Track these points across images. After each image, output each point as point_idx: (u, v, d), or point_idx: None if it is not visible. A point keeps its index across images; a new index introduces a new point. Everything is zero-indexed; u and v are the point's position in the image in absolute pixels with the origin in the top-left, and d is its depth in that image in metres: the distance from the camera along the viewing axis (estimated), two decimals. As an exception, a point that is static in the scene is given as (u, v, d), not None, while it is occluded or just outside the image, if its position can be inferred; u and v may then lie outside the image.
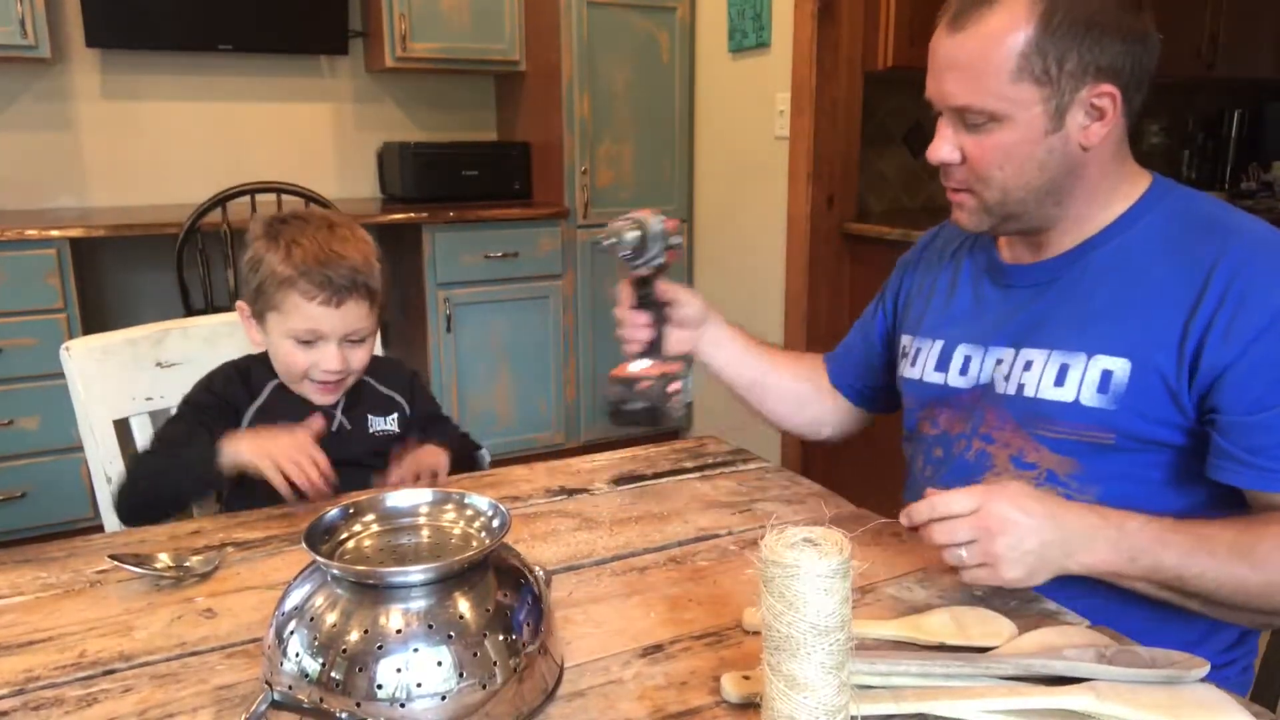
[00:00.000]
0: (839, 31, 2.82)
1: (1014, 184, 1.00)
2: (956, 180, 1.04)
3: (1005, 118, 0.97)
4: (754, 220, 3.19)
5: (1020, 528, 0.84)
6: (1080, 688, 0.71)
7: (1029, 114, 0.96)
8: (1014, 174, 0.99)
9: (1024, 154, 0.98)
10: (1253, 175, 4.06)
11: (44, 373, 2.60)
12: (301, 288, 1.20)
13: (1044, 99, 0.96)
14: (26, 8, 2.69)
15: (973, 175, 1.01)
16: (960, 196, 1.05)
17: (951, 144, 1.01)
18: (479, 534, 0.77)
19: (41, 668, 0.79)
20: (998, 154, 0.99)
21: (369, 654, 0.66)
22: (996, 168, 1.00)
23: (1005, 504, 0.84)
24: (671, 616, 0.87)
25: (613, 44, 3.26)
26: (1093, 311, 1.01)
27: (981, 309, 1.12)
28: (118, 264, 3.15)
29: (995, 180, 1.00)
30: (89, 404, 1.30)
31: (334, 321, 1.21)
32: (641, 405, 1.13)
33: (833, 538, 0.63)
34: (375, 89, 3.50)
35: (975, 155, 1.00)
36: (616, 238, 1.07)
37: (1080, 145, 0.99)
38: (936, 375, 1.14)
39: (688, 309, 1.21)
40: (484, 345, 3.24)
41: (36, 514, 2.68)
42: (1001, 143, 0.98)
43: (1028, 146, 0.98)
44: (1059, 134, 0.98)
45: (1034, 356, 1.03)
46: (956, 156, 1.02)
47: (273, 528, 1.08)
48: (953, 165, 1.03)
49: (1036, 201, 1.01)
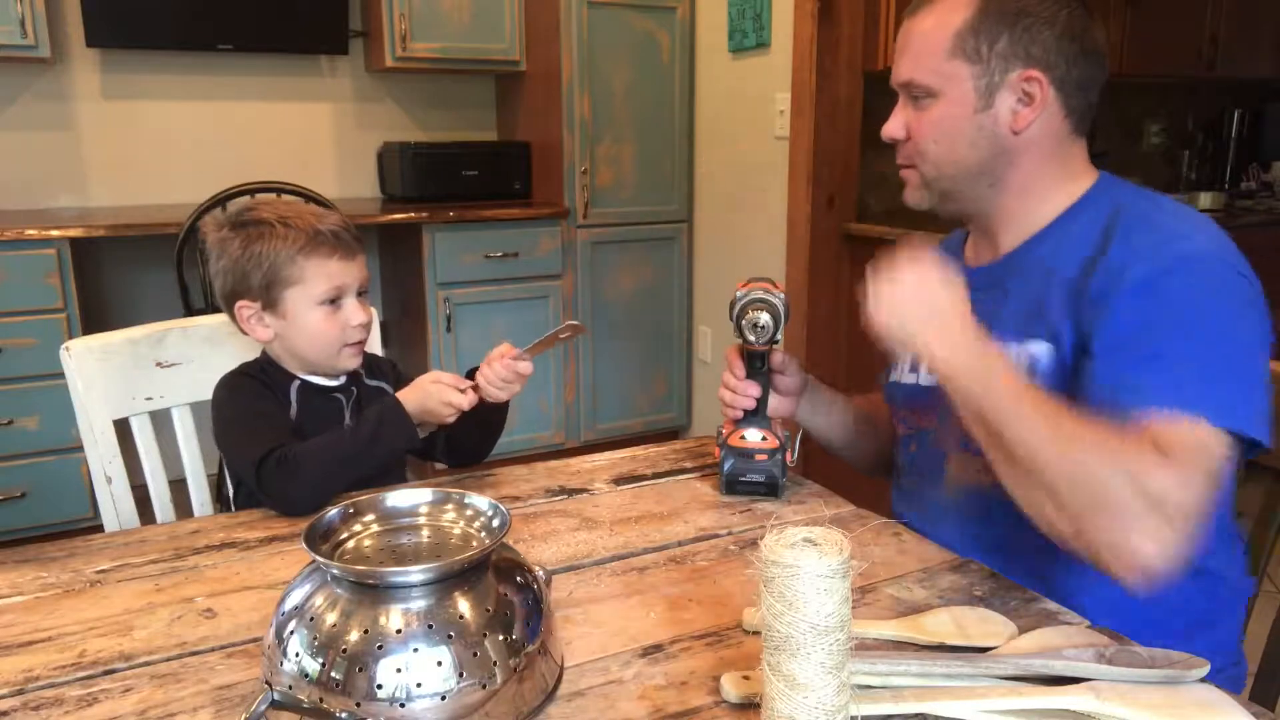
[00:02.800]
0: (839, 31, 2.82)
1: (946, 159, 1.07)
2: (903, 155, 1.12)
3: (939, 92, 1.05)
4: (754, 220, 3.19)
5: (916, 301, 0.93)
6: (1080, 688, 0.71)
7: (960, 89, 1.04)
8: (947, 149, 1.07)
9: (955, 129, 1.06)
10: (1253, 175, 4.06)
11: (44, 373, 2.59)
12: (321, 250, 1.24)
13: (974, 76, 1.04)
14: (26, 8, 2.69)
15: (914, 149, 1.10)
16: (906, 173, 1.13)
17: (899, 121, 1.11)
18: (479, 534, 0.77)
19: (41, 668, 0.79)
20: (932, 128, 1.07)
21: (369, 654, 0.66)
22: (931, 141, 1.07)
23: (936, 287, 0.94)
24: (671, 616, 0.87)
25: (613, 44, 3.26)
26: (1025, 306, 1.05)
27: None
28: (118, 264, 3.15)
29: (930, 154, 1.08)
30: (89, 404, 1.30)
31: (353, 273, 1.27)
32: (761, 479, 1.15)
33: (833, 538, 0.63)
34: (375, 89, 3.50)
35: (914, 129, 1.09)
36: (754, 328, 1.11)
37: (1010, 129, 1.05)
38: (910, 376, 1.19)
39: (792, 378, 1.22)
40: (484, 345, 3.21)
41: (36, 514, 2.68)
42: (935, 117, 1.06)
43: (959, 122, 1.05)
44: (988, 113, 1.05)
45: None
46: (902, 133, 1.10)
47: (273, 528, 1.08)
48: (900, 141, 1.11)
49: (970, 181, 1.08)
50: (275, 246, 1.23)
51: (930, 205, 1.12)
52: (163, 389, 1.38)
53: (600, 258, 3.38)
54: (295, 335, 1.25)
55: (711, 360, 3.52)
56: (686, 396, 3.66)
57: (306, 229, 1.24)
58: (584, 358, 3.42)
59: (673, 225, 3.49)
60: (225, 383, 1.25)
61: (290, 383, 1.27)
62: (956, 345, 0.92)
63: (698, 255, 3.53)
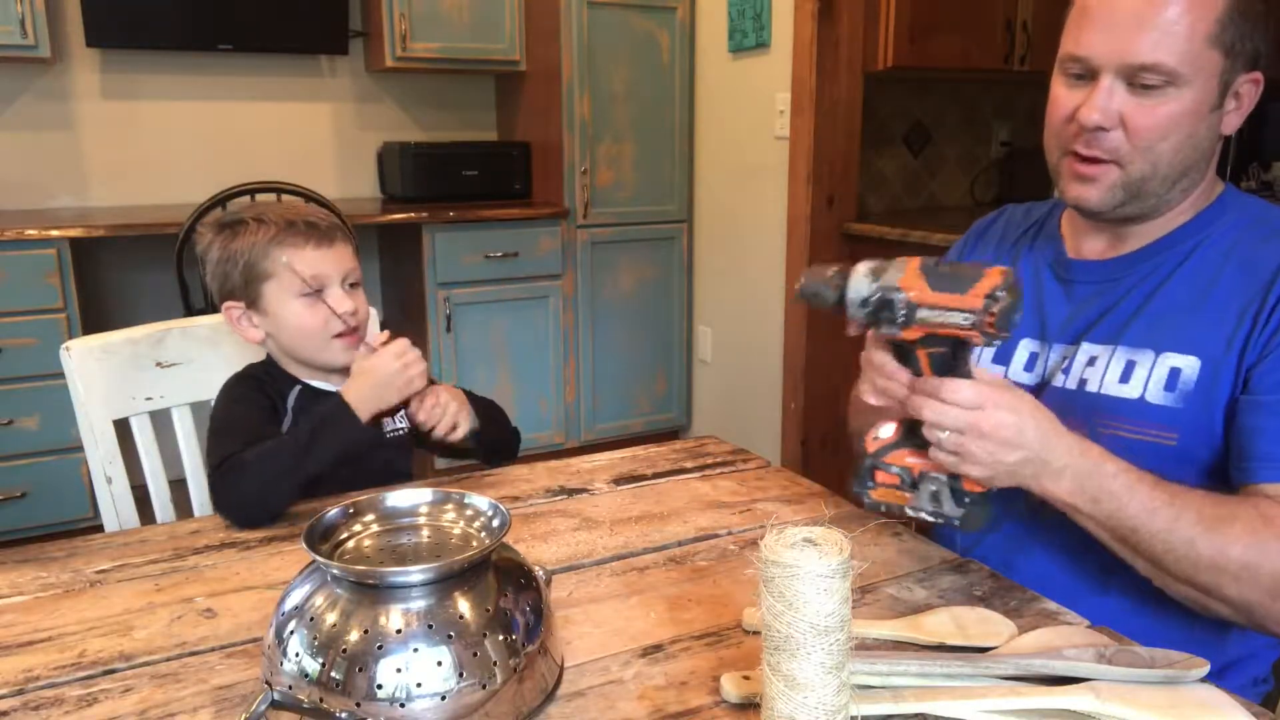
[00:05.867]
0: (839, 31, 2.82)
1: (1168, 159, 0.96)
2: (1104, 149, 0.97)
3: (1186, 83, 0.93)
4: (754, 220, 3.19)
5: (1008, 443, 0.83)
6: (1080, 688, 0.71)
7: (1208, 84, 0.94)
8: (1173, 147, 0.95)
9: (1189, 127, 0.95)
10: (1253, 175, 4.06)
11: (44, 373, 2.59)
12: (290, 240, 1.22)
13: (1222, 71, 0.94)
14: (26, 8, 2.69)
15: (1129, 145, 0.96)
16: (1098, 169, 0.98)
17: (1110, 107, 0.95)
18: (479, 534, 0.77)
19: (41, 668, 0.79)
20: (1167, 122, 0.94)
21: (369, 654, 0.66)
22: (1160, 138, 0.95)
23: (1007, 414, 0.83)
24: (671, 616, 0.87)
25: (613, 44, 3.26)
26: (1162, 310, 0.99)
27: (1043, 304, 1.09)
28: (118, 264, 3.15)
29: (1154, 152, 0.96)
30: (89, 404, 1.30)
31: (330, 261, 1.24)
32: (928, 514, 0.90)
33: (833, 538, 0.63)
34: (375, 89, 3.50)
35: (1141, 123, 0.95)
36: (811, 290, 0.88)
37: (1222, 131, 0.97)
38: (996, 368, 1.10)
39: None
40: (484, 345, 3.24)
41: (36, 514, 2.68)
42: (1173, 111, 0.94)
43: (1194, 120, 0.95)
44: (1217, 112, 0.96)
45: (1098, 352, 1.01)
46: (1117, 121, 0.96)
47: (273, 528, 1.08)
48: (1105, 132, 0.96)
49: (1174, 182, 0.98)
50: (250, 242, 1.23)
51: (1109, 211, 1.00)
52: (163, 389, 1.38)
53: (600, 258, 3.38)
54: (281, 331, 1.25)
55: (711, 360, 3.52)
56: (686, 396, 3.65)
57: (279, 221, 1.23)
58: (584, 358, 3.43)
59: (673, 225, 3.49)
60: (225, 384, 1.26)
61: (291, 388, 1.27)
62: (1061, 479, 0.86)
63: (698, 255, 3.53)
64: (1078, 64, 0.97)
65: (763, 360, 3.20)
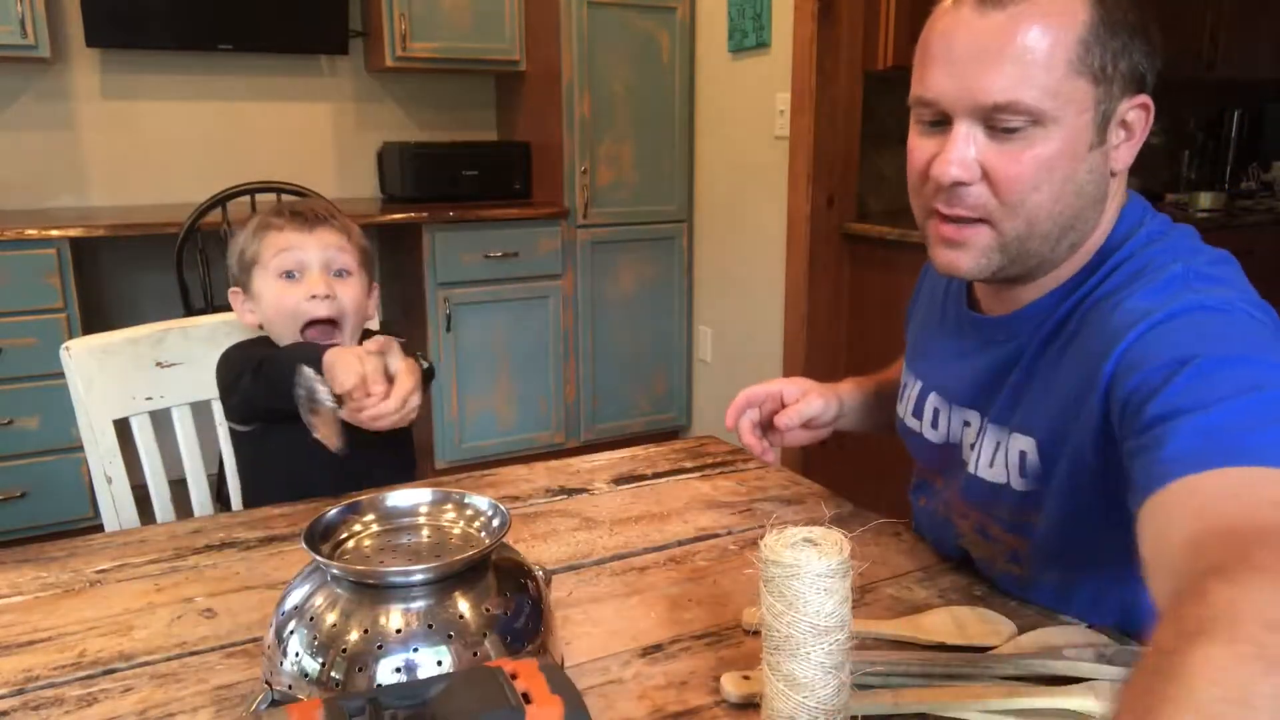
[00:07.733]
0: (839, 31, 2.82)
1: (1047, 211, 0.81)
2: (968, 205, 0.82)
3: (1052, 121, 0.78)
4: (754, 220, 3.19)
5: None
6: (1080, 688, 0.71)
7: (1079, 120, 0.79)
8: (1050, 198, 0.80)
9: (1065, 171, 0.80)
10: (1253, 175, 4.06)
11: (44, 373, 2.60)
12: (274, 224, 1.26)
13: (1095, 102, 0.79)
14: (26, 8, 2.69)
15: (996, 200, 0.81)
16: (968, 231, 0.83)
17: (969, 156, 0.80)
18: (479, 534, 0.77)
19: (41, 668, 0.79)
20: (1036, 169, 0.79)
21: (369, 654, 0.66)
22: (1032, 188, 0.80)
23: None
24: (671, 616, 0.87)
25: (613, 44, 3.26)
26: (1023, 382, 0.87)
27: (951, 356, 0.98)
28: (118, 264, 3.15)
29: (1026, 205, 0.80)
30: (89, 404, 1.30)
31: (310, 245, 1.26)
32: None
33: (833, 538, 0.63)
34: (375, 89, 3.50)
35: (1006, 172, 0.79)
36: None
37: (1111, 170, 0.83)
38: (914, 421, 1.03)
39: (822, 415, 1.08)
40: (484, 345, 3.24)
41: (36, 514, 2.68)
42: (1042, 155, 0.79)
43: (1069, 162, 0.79)
44: (1100, 150, 0.81)
45: (978, 426, 0.92)
46: (978, 173, 0.80)
47: (273, 528, 1.08)
48: (966, 187, 0.81)
49: (1058, 238, 0.83)
50: (247, 232, 1.28)
51: (988, 276, 0.85)
52: (163, 389, 1.38)
53: (600, 257, 3.38)
54: (264, 314, 1.28)
55: (711, 360, 3.52)
56: (686, 396, 3.66)
57: (269, 209, 1.28)
58: (584, 357, 3.43)
59: (673, 225, 3.49)
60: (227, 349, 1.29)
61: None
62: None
63: (698, 255, 3.53)
64: (928, 109, 0.83)
65: (763, 360, 3.20)
